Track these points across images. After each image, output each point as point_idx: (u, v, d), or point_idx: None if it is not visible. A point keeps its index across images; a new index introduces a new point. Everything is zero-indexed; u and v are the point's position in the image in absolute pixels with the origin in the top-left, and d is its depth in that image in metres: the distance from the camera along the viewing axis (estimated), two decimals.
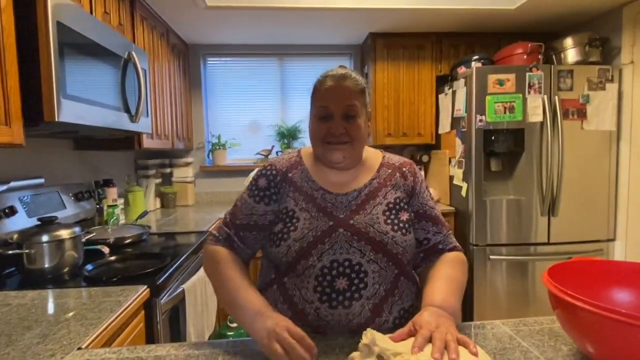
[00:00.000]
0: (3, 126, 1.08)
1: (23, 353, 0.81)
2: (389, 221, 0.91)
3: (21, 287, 1.25)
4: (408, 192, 0.98)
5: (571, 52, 2.50)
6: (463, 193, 2.53)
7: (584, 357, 0.74)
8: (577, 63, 2.47)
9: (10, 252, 1.27)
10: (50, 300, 1.11)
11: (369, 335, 0.67)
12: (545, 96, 2.36)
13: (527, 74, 2.36)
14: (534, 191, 2.44)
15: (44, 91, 1.17)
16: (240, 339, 0.86)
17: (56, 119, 1.19)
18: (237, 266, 0.92)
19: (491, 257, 2.43)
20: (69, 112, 1.25)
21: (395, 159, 1.04)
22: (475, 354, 0.65)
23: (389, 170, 1.00)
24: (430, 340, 0.67)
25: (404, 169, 1.00)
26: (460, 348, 0.66)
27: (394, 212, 0.93)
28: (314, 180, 0.96)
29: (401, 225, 0.92)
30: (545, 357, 0.75)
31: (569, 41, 2.51)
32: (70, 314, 1.01)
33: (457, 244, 1.00)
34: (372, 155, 1.03)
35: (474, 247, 2.45)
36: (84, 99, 1.35)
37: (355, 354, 0.71)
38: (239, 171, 3.24)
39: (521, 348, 0.78)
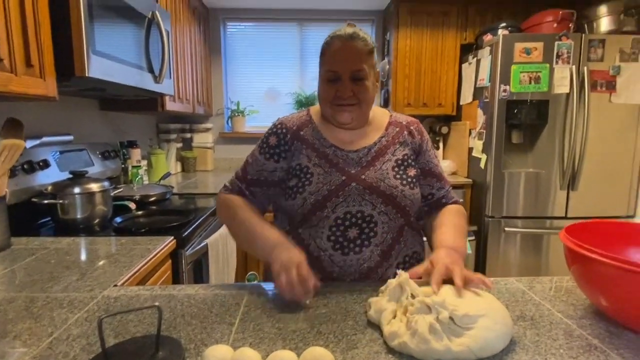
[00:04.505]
0: (38, 79, 1.12)
1: (65, 287, 0.88)
2: (397, 176, 0.96)
3: (56, 235, 1.33)
4: (415, 149, 1.02)
5: (605, 21, 2.38)
6: (482, 165, 2.51)
7: (596, 311, 0.76)
8: (610, 32, 2.36)
9: (45, 201, 1.35)
10: (84, 246, 1.19)
11: (403, 276, 0.71)
12: (574, 66, 2.28)
13: (556, 42, 2.27)
14: (554, 165, 2.40)
15: (75, 45, 1.19)
16: (264, 283, 0.91)
17: (86, 74, 1.23)
18: (252, 208, 0.98)
19: (506, 229, 2.43)
20: (98, 68, 1.29)
21: (402, 118, 1.06)
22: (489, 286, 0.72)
23: (397, 129, 1.02)
24: (446, 275, 0.73)
25: (411, 127, 1.04)
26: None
27: (402, 167, 0.97)
28: (324, 137, 0.99)
29: (409, 180, 0.97)
30: (556, 309, 0.77)
31: (603, 9, 2.39)
32: (104, 257, 1.08)
33: (457, 198, 1.07)
34: (380, 115, 1.05)
35: (490, 219, 2.45)
36: (112, 56, 1.38)
37: (372, 299, 0.75)
38: (257, 138, 3.26)
39: (533, 301, 0.81)
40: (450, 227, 0.93)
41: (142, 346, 0.62)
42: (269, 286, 0.88)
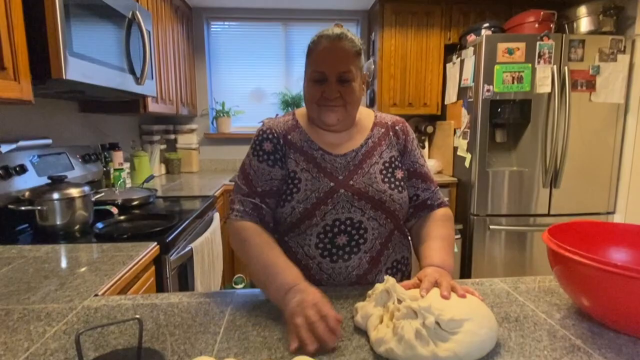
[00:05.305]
0: (12, 82, 1.08)
1: (43, 298, 0.85)
2: (385, 180, 0.94)
3: (34, 242, 1.29)
4: (401, 150, 1.00)
5: (584, 21, 2.43)
6: (467, 164, 2.54)
7: (578, 311, 0.77)
8: (590, 33, 2.41)
9: (23, 208, 1.30)
10: (63, 254, 1.15)
11: (390, 282, 0.71)
12: (555, 66, 2.32)
13: (538, 43, 2.31)
14: (537, 163, 2.44)
15: (50, 47, 1.16)
16: (250, 290, 0.89)
17: (63, 77, 1.19)
18: (264, 240, 0.87)
19: (491, 227, 2.46)
20: (75, 70, 1.25)
21: (387, 118, 1.04)
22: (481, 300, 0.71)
23: (382, 130, 1.00)
24: (435, 286, 0.72)
25: (396, 127, 1.01)
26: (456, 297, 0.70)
27: (390, 170, 0.96)
28: (312, 140, 0.96)
29: (397, 183, 0.95)
30: (540, 310, 0.78)
31: (582, 9, 2.44)
32: (85, 265, 1.05)
33: (444, 200, 1.04)
34: (365, 116, 1.03)
35: (474, 217, 2.48)
36: (90, 58, 1.34)
37: (359, 304, 0.74)
38: (243, 139, 3.25)
39: (518, 302, 0.82)
40: (438, 241, 0.91)
41: (123, 359, 0.61)
42: (254, 292, 0.87)
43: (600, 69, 2.36)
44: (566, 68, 2.32)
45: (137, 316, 0.59)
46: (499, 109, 2.40)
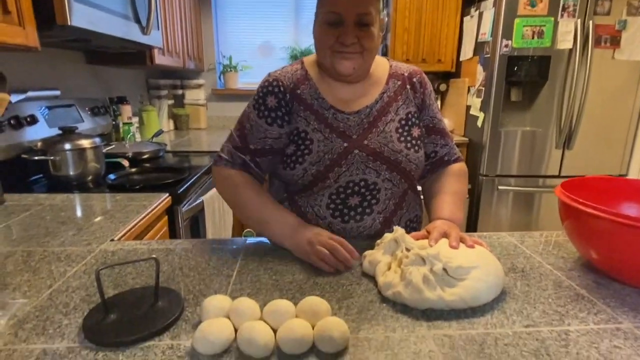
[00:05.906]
0: (17, 27, 1.05)
1: (61, 242, 0.88)
2: (402, 139, 0.90)
3: (49, 191, 1.31)
4: (418, 105, 0.95)
5: None
6: (479, 123, 2.49)
7: (585, 264, 0.78)
8: None
9: (36, 157, 1.32)
10: (78, 202, 1.18)
11: (399, 232, 0.72)
12: (579, 20, 2.20)
13: None
14: (551, 123, 2.38)
15: None
16: (260, 239, 0.91)
17: (68, 23, 1.16)
18: (258, 187, 0.90)
19: (499, 187, 2.46)
20: (80, 17, 1.21)
21: (404, 67, 0.97)
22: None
23: (399, 82, 0.94)
24: (444, 237, 0.73)
25: (414, 79, 0.95)
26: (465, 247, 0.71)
27: (406, 128, 0.92)
28: (323, 97, 0.90)
29: (413, 142, 0.92)
30: (547, 262, 0.79)
31: None
32: (100, 213, 1.08)
33: (459, 154, 1.02)
34: (380, 65, 0.95)
35: (484, 178, 2.47)
36: (95, 4, 1.30)
37: (368, 252, 0.76)
38: (251, 96, 3.19)
39: (525, 254, 0.83)
40: (449, 195, 0.90)
41: (141, 297, 0.63)
42: (265, 241, 0.89)
43: (627, 24, 2.23)
44: (591, 22, 2.20)
45: (154, 256, 0.61)
46: (516, 67, 2.31)
